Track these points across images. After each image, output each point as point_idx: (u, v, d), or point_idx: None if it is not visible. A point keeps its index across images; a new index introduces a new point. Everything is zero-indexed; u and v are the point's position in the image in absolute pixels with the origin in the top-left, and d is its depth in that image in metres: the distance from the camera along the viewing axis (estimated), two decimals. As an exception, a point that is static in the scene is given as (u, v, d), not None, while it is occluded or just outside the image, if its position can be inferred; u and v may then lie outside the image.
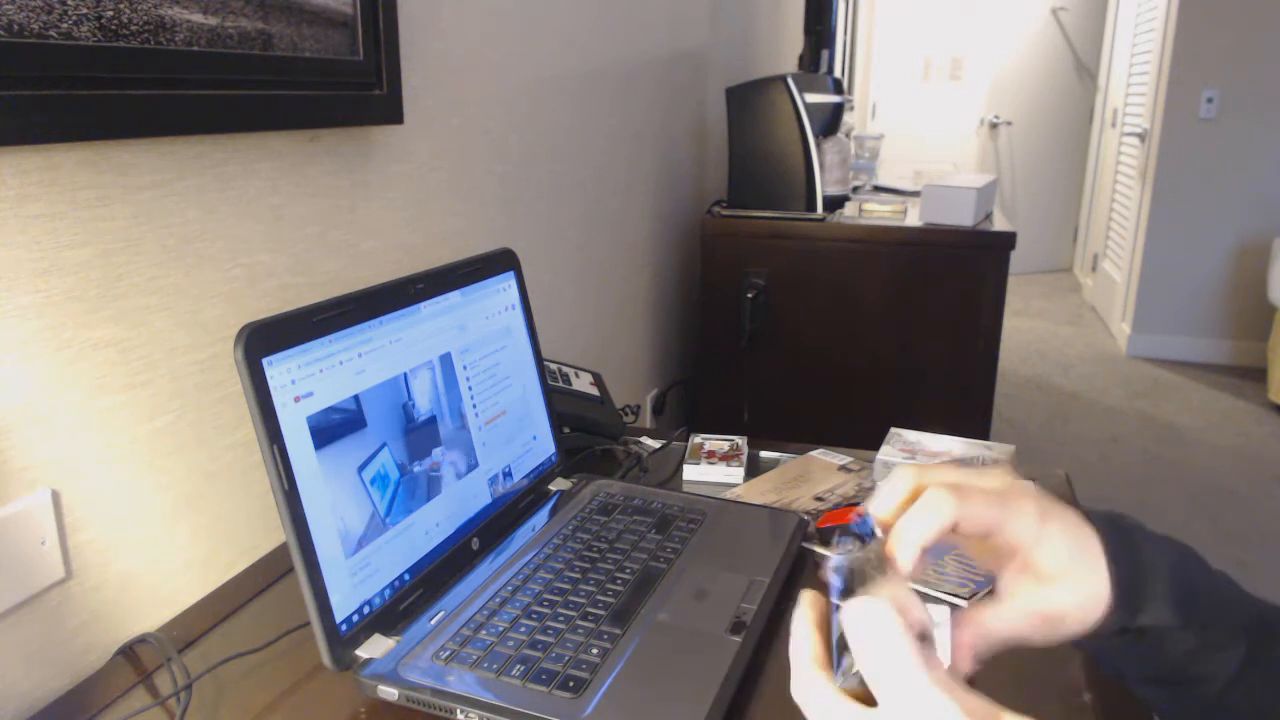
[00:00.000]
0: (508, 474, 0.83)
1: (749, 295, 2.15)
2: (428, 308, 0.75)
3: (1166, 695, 0.44)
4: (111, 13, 0.64)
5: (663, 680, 0.61)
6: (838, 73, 3.75)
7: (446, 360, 0.77)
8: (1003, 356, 2.11)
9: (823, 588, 0.40)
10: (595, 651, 0.64)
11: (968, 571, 0.80)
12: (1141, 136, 4.29)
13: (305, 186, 0.89)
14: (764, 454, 1.07)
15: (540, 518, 0.84)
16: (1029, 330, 4.69)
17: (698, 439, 1.07)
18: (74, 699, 0.65)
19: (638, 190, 1.90)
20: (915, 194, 2.66)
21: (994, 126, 5.72)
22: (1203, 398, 3.71)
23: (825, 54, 2.87)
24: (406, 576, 0.69)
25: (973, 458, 0.93)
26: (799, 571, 0.79)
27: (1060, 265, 6.04)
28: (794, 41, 3.19)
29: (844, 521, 0.86)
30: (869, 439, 1.03)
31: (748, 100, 2.13)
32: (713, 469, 1.01)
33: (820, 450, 1.05)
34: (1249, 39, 3.86)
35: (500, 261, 0.86)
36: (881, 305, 2.10)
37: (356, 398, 0.66)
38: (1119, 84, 4.92)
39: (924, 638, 0.37)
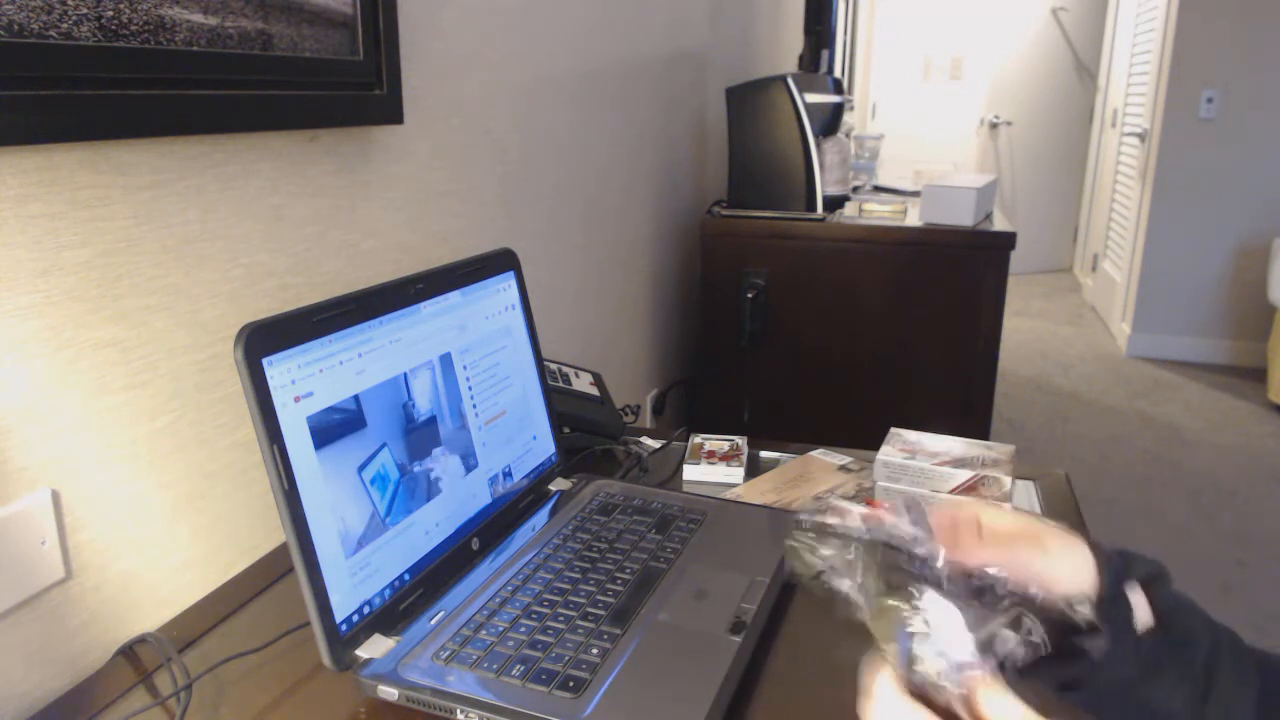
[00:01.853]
0: (508, 474, 0.83)
1: (749, 295, 2.15)
2: (428, 308, 0.75)
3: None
4: (111, 13, 0.64)
5: (663, 680, 0.61)
6: (838, 73, 3.75)
7: (446, 360, 0.77)
8: (1003, 356, 2.11)
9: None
10: (595, 651, 0.64)
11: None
12: (1141, 136, 4.29)
13: (305, 186, 0.89)
14: (764, 454, 1.07)
15: (540, 518, 0.84)
16: (1029, 330, 4.69)
17: (698, 439, 1.07)
18: (74, 699, 0.65)
19: (638, 190, 1.90)
20: (915, 194, 2.66)
21: (994, 126, 5.72)
22: (1203, 398, 3.71)
23: (825, 54, 2.87)
24: (406, 576, 0.69)
25: (973, 457, 0.93)
26: (799, 571, 0.79)
27: (1060, 265, 6.04)
28: (794, 41, 3.19)
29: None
30: (869, 439, 1.03)
31: (748, 100, 2.13)
32: (713, 469, 1.01)
33: (820, 450, 1.05)
34: (1249, 39, 3.86)
35: (500, 261, 0.86)
36: (881, 305, 2.10)
37: (356, 398, 0.66)
38: (1119, 84, 4.92)
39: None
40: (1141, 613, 0.44)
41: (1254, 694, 0.43)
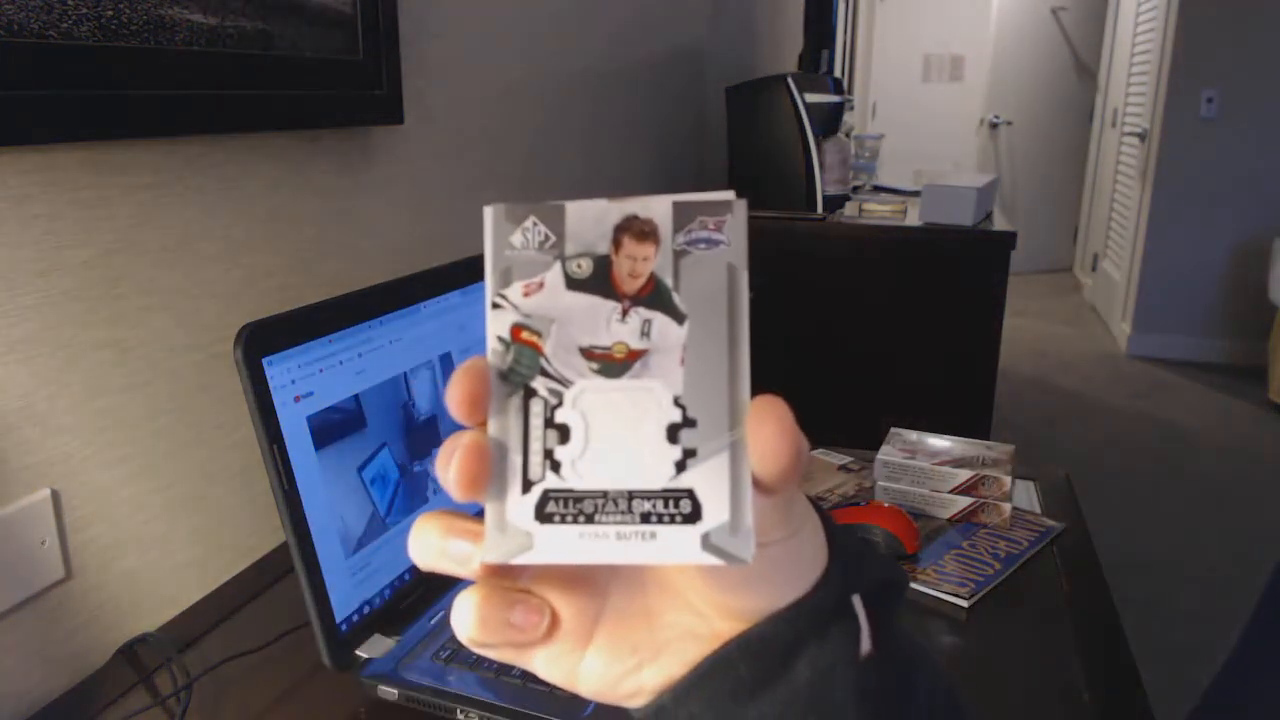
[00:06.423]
0: (508, 474, 0.83)
1: (749, 295, 2.15)
2: (428, 308, 0.75)
3: None
4: (111, 13, 0.64)
5: (663, 680, 0.61)
6: (838, 73, 3.76)
7: (447, 360, 0.76)
8: (1003, 356, 2.11)
9: None
10: (595, 651, 0.64)
11: (968, 571, 0.80)
12: (1141, 136, 4.29)
13: (305, 186, 0.89)
14: (764, 454, 1.07)
15: (540, 518, 0.84)
16: (1029, 330, 4.69)
17: (698, 439, 1.07)
18: (74, 699, 0.65)
19: (638, 190, 1.90)
20: (915, 194, 2.66)
21: (994, 126, 5.72)
22: (1203, 398, 3.71)
23: (825, 54, 2.87)
24: (407, 576, 0.69)
25: (973, 457, 0.93)
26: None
27: (1060, 265, 6.04)
28: (794, 41, 3.19)
29: (847, 522, 0.86)
30: (869, 439, 1.03)
31: (748, 100, 2.13)
32: (713, 469, 1.00)
33: (820, 450, 1.05)
34: (1249, 39, 3.86)
35: (500, 261, 0.86)
36: (881, 305, 2.10)
37: (356, 397, 0.66)
38: (1119, 84, 4.92)
39: None
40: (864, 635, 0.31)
41: None
